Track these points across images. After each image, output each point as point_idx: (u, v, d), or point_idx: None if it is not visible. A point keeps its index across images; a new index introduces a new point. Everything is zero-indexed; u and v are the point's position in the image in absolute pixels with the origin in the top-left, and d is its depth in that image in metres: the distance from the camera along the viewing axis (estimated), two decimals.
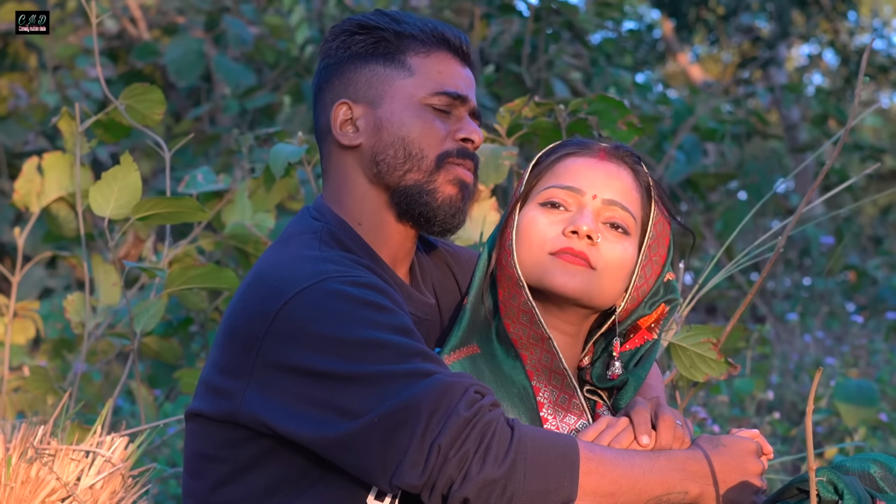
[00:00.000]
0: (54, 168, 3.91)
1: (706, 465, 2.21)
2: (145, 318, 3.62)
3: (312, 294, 2.16)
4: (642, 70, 11.75)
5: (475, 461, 2.05)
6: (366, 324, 2.13)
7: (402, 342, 2.12)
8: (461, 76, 2.43)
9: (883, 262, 9.93)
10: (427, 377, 2.09)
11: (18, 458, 2.79)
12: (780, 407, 5.90)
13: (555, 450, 2.10)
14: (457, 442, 2.06)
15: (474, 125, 2.42)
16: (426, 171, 2.37)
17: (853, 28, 13.90)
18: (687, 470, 2.20)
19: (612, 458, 2.15)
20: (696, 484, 2.20)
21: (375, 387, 2.09)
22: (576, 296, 2.34)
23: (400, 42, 2.40)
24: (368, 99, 2.40)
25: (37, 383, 4.11)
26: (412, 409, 2.06)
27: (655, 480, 2.16)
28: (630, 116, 3.58)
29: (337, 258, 2.26)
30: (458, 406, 2.07)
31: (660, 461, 2.18)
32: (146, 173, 8.25)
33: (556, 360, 2.38)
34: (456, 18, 7.91)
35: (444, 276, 2.56)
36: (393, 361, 2.10)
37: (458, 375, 2.12)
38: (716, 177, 8.78)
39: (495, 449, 2.06)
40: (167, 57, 8.10)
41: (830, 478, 2.35)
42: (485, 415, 2.08)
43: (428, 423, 2.06)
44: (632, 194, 2.40)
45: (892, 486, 2.44)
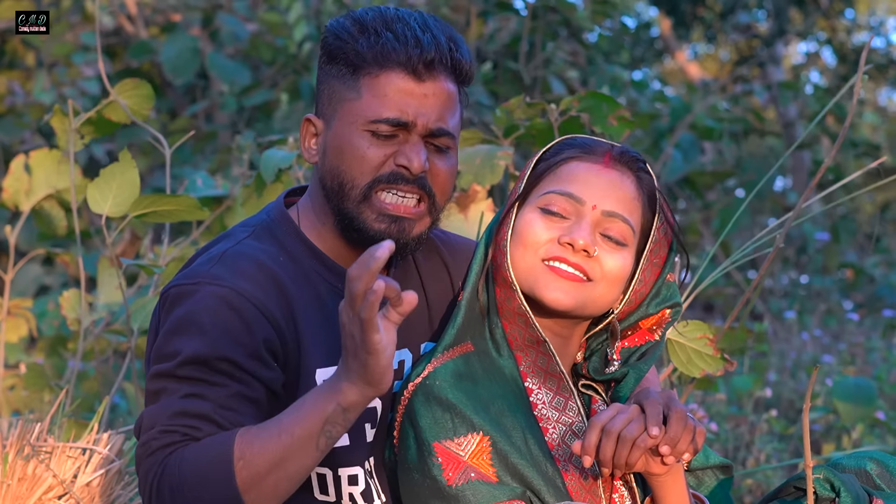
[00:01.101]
0: (42, 165, 3.91)
1: (338, 369, 2.08)
2: (143, 316, 3.62)
3: (178, 292, 2.27)
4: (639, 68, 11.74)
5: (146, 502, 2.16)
6: (177, 339, 2.22)
7: (170, 368, 2.20)
8: (413, 97, 2.30)
9: (880, 259, 9.93)
10: (152, 403, 2.22)
11: (15, 456, 2.79)
12: (778, 405, 5.90)
13: (209, 468, 2.11)
14: (137, 474, 2.20)
15: (417, 150, 2.30)
16: (355, 200, 2.32)
17: (850, 26, 13.89)
18: (329, 387, 2.08)
19: (259, 443, 2.10)
20: (346, 392, 2.05)
21: (146, 390, 2.26)
22: (567, 310, 2.32)
23: (357, 59, 2.31)
24: (326, 117, 2.37)
25: (33, 381, 4.11)
26: (135, 427, 2.25)
27: (306, 419, 2.08)
28: (620, 111, 3.58)
29: (239, 258, 2.29)
30: (138, 443, 2.20)
31: (304, 400, 2.10)
32: (142, 170, 8.24)
33: (552, 362, 2.37)
34: (452, 16, 7.90)
35: (434, 265, 2.54)
36: (157, 379, 2.22)
37: (163, 410, 2.18)
38: (713, 175, 8.77)
39: (155, 494, 2.14)
40: (163, 55, 8.09)
41: (827, 476, 2.36)
42: (148, 457, 2.15)
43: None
44: (633, 204, 2.36)
45: (889, 483, 2.45)
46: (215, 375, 2.18)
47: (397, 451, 2.33)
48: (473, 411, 2.29)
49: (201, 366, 2.19)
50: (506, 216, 2.40)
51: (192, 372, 2.18)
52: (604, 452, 2.19)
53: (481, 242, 2.44)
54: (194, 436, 2.14)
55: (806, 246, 9.50)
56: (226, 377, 2.19)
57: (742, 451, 5.12)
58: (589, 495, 2.33)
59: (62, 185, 3.91)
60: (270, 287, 2.28)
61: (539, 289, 2.31)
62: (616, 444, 2.19)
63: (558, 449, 2.34)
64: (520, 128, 3.67)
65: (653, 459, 2.25)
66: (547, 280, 2.30)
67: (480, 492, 2.24)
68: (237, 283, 2.25)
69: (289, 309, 2.29)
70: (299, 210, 2.43)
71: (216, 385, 2.18)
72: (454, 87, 2.35)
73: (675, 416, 2.22)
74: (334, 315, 2.33)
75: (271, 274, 2.29)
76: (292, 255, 2.35)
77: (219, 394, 2.17)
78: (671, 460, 2.23)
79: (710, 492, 2.50)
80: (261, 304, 2.24)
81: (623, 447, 2.19)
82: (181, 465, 2.11)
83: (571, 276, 2.30)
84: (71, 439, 2.91)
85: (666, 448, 2.20)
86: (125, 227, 4.54)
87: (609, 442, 2.19)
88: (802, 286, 9.14)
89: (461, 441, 2.28)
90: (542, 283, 2.31)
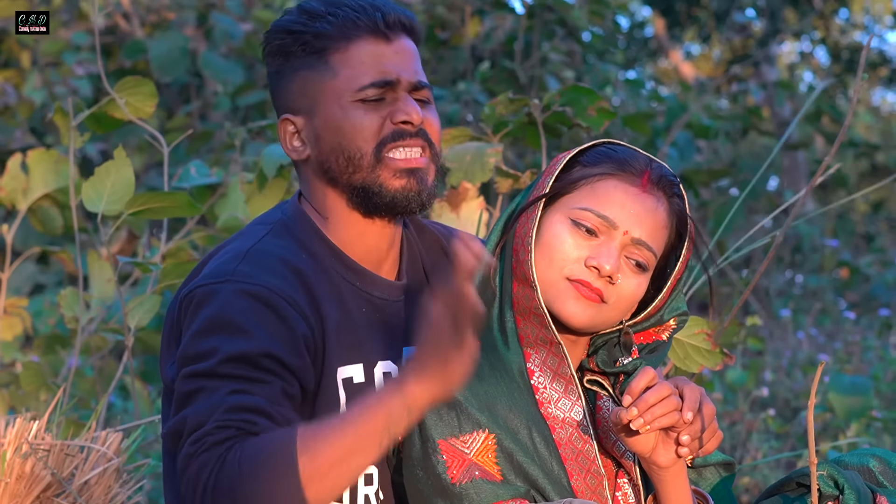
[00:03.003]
0: (39, 165, 3.91)
1: (408, 367, 2.07)
2: (139, 314, 3.61)
3: (205, 291, 2.23)
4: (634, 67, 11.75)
5: (198, 501, 2.09)
6: (211, 338, 2.18)
7: (209, 366, 2.15)
8: (387, 57, 2.34)
9: (875, 258, 9.94)
10: (190, 404, 2.15)
11: (13, 454, 2.78)
12: (774, 404, 5.90)
13: (273, 461, 2.07)
14: (184, 474, 2.12)
15: (411, 103, 2.34)
16: (367, 167, 2.33)
17: (845, 26, 13.92)
18: (395, 385, 2.07)
19: (324, 437, 2.08)
20: (414, 393, 2.05)
21: (179, 392, 2.19)
22: (580, 328, 2.34)
23: (319, 42, 2.33)
24: (305, 109, 2.36)
25: (30, 379, 4.10)
26: (171, 431, 2.17)
27: (371, 416, 2.07)
28: (600, 102, 3.59)
29: (263, 256, 2.28)
30: (186, 441, 2.12)
31: (368, 399, 2.08)
32: (138, 169, 8.23)
33: (563, 365, 2.36)
34: (448, 14, 7.90)
35: (437, 258, 2.55)
36: (193, 379, 2.16)
37: (212, 406, 2.11)
38: (709, 173, 8.78)
39: (211, 490, 2.07)
40: (152, 53, 8.08)
41: (831, 472, 2.35)
42: (203, 453, 2.09)
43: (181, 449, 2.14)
44: (661, 232, 2.36)
45: (892, 480, 2.44)
46: (259, 372, 2.15)
47: (402, 448, 2.32)
48: (479, 409, 2.28)
49: (245, 363, 2.15)
50: (530, 212, 2.38)
51: (234, 370, 2.14)
52: (647, 397, 2.19)
53: (494, 231, 2.43)
54: (251, 430, 2.09)
55: (801, 245, 9.51)
56: (270, 374, 2.16)
57: (739, 450, 5.13)
58: (594, 495, 2.33)
59: (59, 184, 3.91)
60: (298, 283, 2.27)
61: (558, 302, 2.32)
62: (662, 398, 2.19)
63: (564, 448, 2.33)
64: (508, 124, 3.67)
65: (663, 448, 2.25)
66: (567, 296, 2.32)
67: (484, 490, 2.24)
68: (267, 279, 2.23)
69: (315, 306, 2.28)
70: (307, 212, 2.43)
71: (262, 382, 2.14)
72: (413, 44, 2.40)
73: (707, 409, 2.25)
74: (354, 312, 2.34)
75: (297, 271, 2.28)
76: (312, 252, 2.34)
77: (267, 391, 2.14)
78: (685, 452, 2.24)
79: (711, 488, 2.49)
80: (293, 300, 2.23)
81: (665, 405, 2.19)
82: (241, 458, 2.05)
83: (591, 297, 2.31)
84: (69, 437, 2.90)
85: (688, 438, 2.22)
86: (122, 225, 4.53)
87: (657, 392, 2.19)
88: (797, 285, 9.15)
89: (466, 438, 2.27)
90: (562, 298, 2.32)
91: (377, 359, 2.36)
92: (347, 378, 2.32)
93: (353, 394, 2.31)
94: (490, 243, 2.41)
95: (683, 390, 2.25)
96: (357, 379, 2.33)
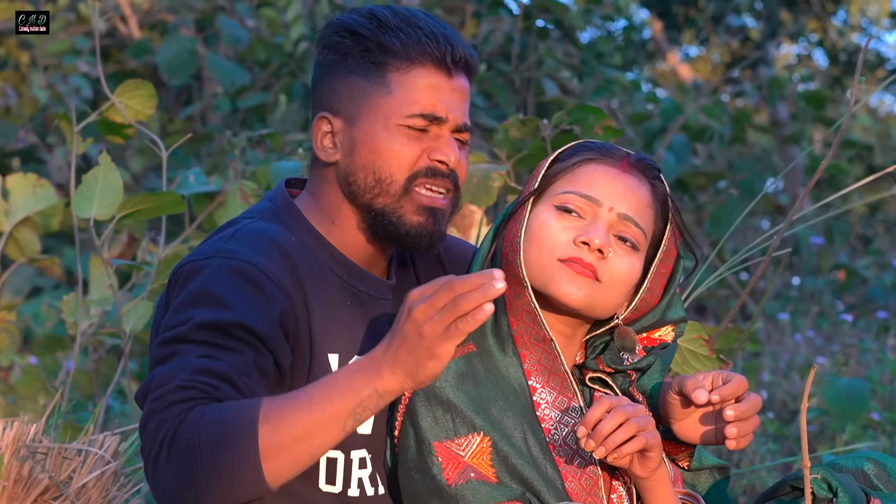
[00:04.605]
0: (18, 190, 3.96)
1: (382, 351, 2.02)
2: (135, 317, 3.62)
3: (192, 267, 2.24)
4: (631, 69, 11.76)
5: (152, 459, 2.07)
6: (190, 309, 2.18)
7: (183, 332, 2.15)
8: (444, 92, 2.34)
9: (872, 261, 9.94)
10: (162, 365, 2.14)
11: (11, 457, 2.79)
12: (771, 406, 5.91)
13: (232, 427, 2.04)
14: (144, 430, 2.10)
15: (451, 144, 2.34)
16: (394, 195, 2.33)
17: (842, 28, 13.93)
18: (367, 369, 2.03)
19: (288, 412, 2.05)
20: (387, 380, 2.02)
21: (152, 357, 2.20)
22: (578, 307, 2.33)
23: (382, 55, 2.32)
24: (347, 114, 2.35)
25: (28, 382, 4.11)
26: (139, 392, 2.16)
27: (339, 397, 2.03)
28: (606, 121, 3.61)
29: (252, 235, 2.28)
30: (148, 398, 2.11)
31: (337, 377, 2.05)
32: (138, 171, 8.24)
33: (557, 361, 2.37)
34: (447, 16, 7.90)
35: (429, 260, 2.56)
36: (167, 345, 2.16)
37: (180, 367, 2.10)
38: (706, 176, 8.78)
39: (167, 448, 2.05)
40: (159, 56, 8.08)
41: (825, 475, 2.36)
42: (163, 410, 2.07)
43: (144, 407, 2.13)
44: (647, 210, 2.37)
45: (887, 483, 2.45)
46: (232, 341, 2.14)
47: (398, 450, 2.33)
48: (475, 411, 2.29)
49: (217, 331, 2.14)
50: (518, 212, 2.40)
51: (207, 336, 2.13)
52: (602, 427, 2.15)
53: (486, 240, 2.44)
54: (214, 395, 2.08)
55: (798, 247, 9.51)
56: (243, 343, 2.15)
57: (736, 453, 5.13)
58: (589, 496, 2.33)
59: (38, 207, 3.96)
60: (283, 263, 2.27)
61: (552, 284, 2.32)
62: (618, 426, 2.16)
63: (559, 450, 2.34)
64: (522, 149, 3.70)
65: (640, 461, 2.25)
66: (561, 276, 2.31)
67: (480, 492, 2.24)
68: (252, 256, 2.23)
69: (301, 289, 2.28)
70: (301, 205, 2.43)
71: (233, 350, 2.13)
72: (468, 84, 2.40)
73: (753, 401, 2.30)
74: (337, 302, 2.34)
75: (284, 251, 2.28)
76: (300, 239, 2.35)
77: (237, 359, 2.13)
78: (731, 444, 2.26)
79: (705, 492, 2.50)
80: (276, 278, 2.23)
81: (624, 431, 2.16)
82: (202, 421, 2.03)
83: (584, 273, 2.31)
84: (66, 441, 2.91)
85: (735, 431, 2.25)
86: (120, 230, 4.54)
87: (611, 419, 2.16)
88: (795, 287, 9.15)
89: (461, 441, 2.28)
90: (556, 278, 2.32)
91: (353, 352, 2.36)
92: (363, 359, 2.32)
93: None
94: (481, 252, 2.43)
95: (731, 380, 2.28)
96: (333, 368, 2.32)
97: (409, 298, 1.99)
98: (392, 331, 2.02)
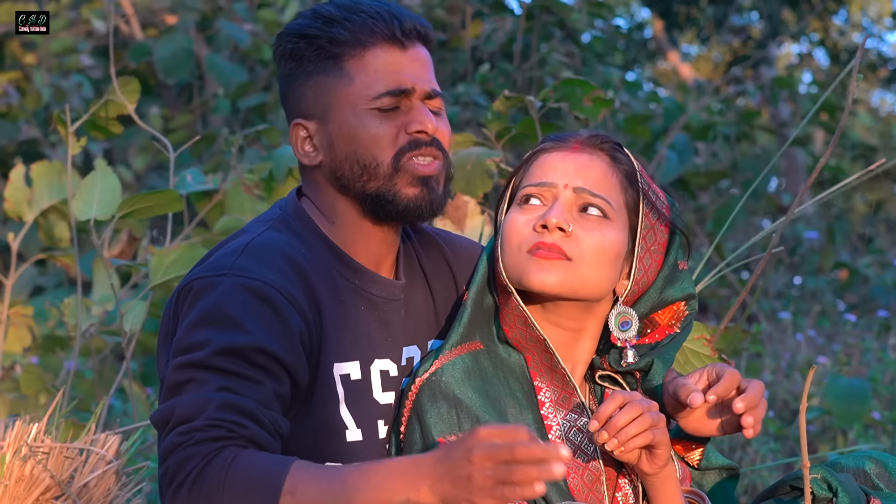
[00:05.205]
0: (44, 177, 3.93)
1: (429, 467, 1.99)
2: (134, 317, 3.63)
3: (203, 283, 2.22)
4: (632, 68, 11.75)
5: (172, 491, 2.06)
6: (206, 329, 2.16)
7: (201, 357, 2.13)
8: (403, 65, 2.35)
9: (874, 260, 9.94)
10: (178, 394, 2.13)
11: (12, 456, 2.79)
12: (773, 405, 5.91)
13: (256, 487, 2.03)
14: (165, 460, 2.09)
15: (425, 112, 2.35)
16: (384, 177, 2.34)
17: (843, 27, 13.92)
18: (408, 475, 1.99)
19: (315, 490, 2.02)
20: (423, 495, 1.98)
21: (169, 380, 2.17)
22: (555, 292, 2.32)
23: (335, 48, 2.33)
24: (318, 114, 2.36)
25: (30, 381, 4.11)
26: (158, 417, 2.14)
27: (370, 495, 1.99)
28: (595, 91, 3.59)
29: (263, 249, 2.28)
30: (173, 431, 2.09)
31: (376, 471, 2.01)
32: (140, 170, 8.24)
33: (554, 359, 2.37)
34: (448, 16, 7.90)
35: (437, 262, 2.56)
36: (184, 370, 2.14)
37: (203, 401, 2.09)
38: (707, 175, 8.78)
39: (189, 485, 2.04)
40: (157, 54, 8.08)
41: (824, 475, 2.36)
42: (191, 446, 2.06)
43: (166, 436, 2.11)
44: (608, 181, 2.36)
45: (888, 482, 2.45)
46: (252, 369, 2.13)
47: (403, 446, 2.34)
48: (480, 407, 2.30)
49: (237, 357, 2.13)
50: (496, 226, 2.43)
51: (226, 363, 2.12)
52: (617, 420, 2.18)
53: (485, 251, 2.47)
54: (242, 434, 2.07)
55: (799, 246, 9.51)
56: (262, 371, 2.14)
57: (738, 452, 5.13)
58: (591, 492, 2.34)
59: (64, 195, 3.92)
60: (296, 278, 2.26)
61: (525, 277, 2.32)
62: (631, 420, 2.18)
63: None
64: (511, 130, 3.68)
65: (648, 458, 2.26)
66: (530, 267, 2.32)
67: None
68: (265, 274, 2.22)
69: (314, 301, 2.28)
70: (308, 211, 2.43)
71: (253, 381, 2.12)
72: (427, 52, 2.40)
73: (757, 387, 2.30)
74: (351, 309, 2.35)
75: (296, 265, 2.28)
76: (311, 248, 2.35)
77: (257, 392, 2.12)
78: (749, 433, 2.26)
79: (710, 490, 2.50)
80: (290, 295, 2.23)
81: (637, 425, 2.18)
82: (230, 469, 2.02)
83: (551, 256, 2.31)
84: (68, 440, 2.90)
85: (752, 420, 2.25)
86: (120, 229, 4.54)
87: (626, 413, 2.18)
88: (796, 287, 9.15)
89: None
90: (527, 270, 2.32)
91: (374, 356, 2.37)
92: (345, 374, 2.32)
93: (350, 390, 2.32)
94: (482, 263, 2.44)
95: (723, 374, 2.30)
96: (354, 376, 2.33)
97: (478, 433, 1.94)
98: (447, 452, 1.98)
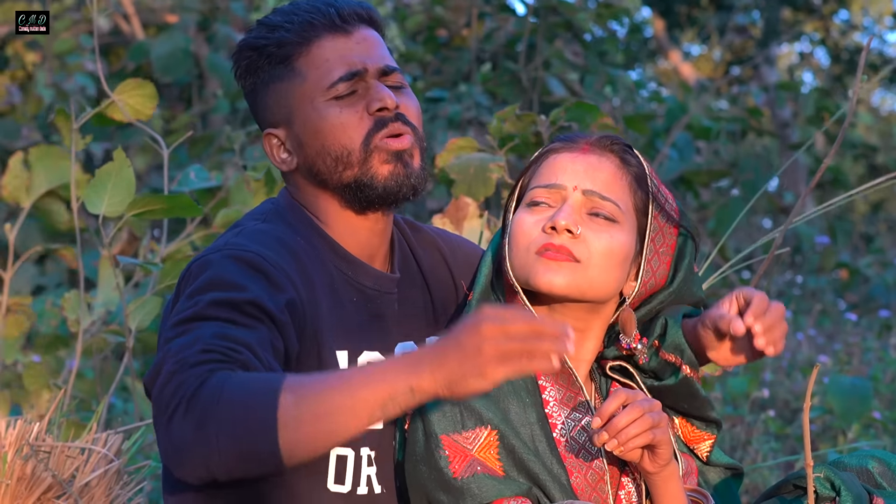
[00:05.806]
0: (42, 161, 3.91)
1: (432, 351, 1.97)
2: (140, 316, 3.62)
3: (201, 263, 2.24)
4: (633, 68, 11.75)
5: (168, 415, 2.00)
6: (200, 296, 2.15)
7: (195, 310, 2.11)
8: (350, 49, 2.36)
9: (874, 259, 9.95)
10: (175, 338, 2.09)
11: (14, 455, 2.79)
12: (774, 405, 5.91)
13: (254, 392, 1.98)
14: (161, 391, 2.03)
15: (382, 89, 2.35)
16: (358, 163, 2.34)
17: (844, 27, 13.93)
18: (407, 364, 1.97)
19: (315, 387, 1.98)
20: (424, 379, 1.95)
21: (162, 340, 2.15)
22: (563, 293, 2.32)
23: (282, 50, 2.35)
24: (284, 119, 2.38)
25: (31, 380, 4.11)
26: (150, 371, 2.11)
27: (373, 385, 1.97)
28: (603, 119, 3.62)
29: (259, 234, 2.29)
30: (166, 364, 2.04)
31: (376, 365, 1.99)
32: (141, 170, 8.25)
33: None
34: (451, 16, 7.90)
35: (434, 260, 2.56)
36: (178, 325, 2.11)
37: (197, 336, 2.06)
38: (709, 174, 8.78)
39: (185, 404, 1.99)
40: (154, 53, 8.08)
41: (828, 474, 2.36)
42: (184, 370, 2.01)
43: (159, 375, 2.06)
44: (617, 183, 2.36)
45: (891, 481, 2.45)
46: (247, 318, 2.11)
47: (406, 444, 2.34)
48: (483, 405, 2.29)
49: (232, 308, 2.11)
50: (504, 225, 2.43)
51: (222, 312, 2.10)
52: (617, 421, 2.17)
53: (489, 250, 2.46)
54: (237, 358, 2.03)
55: (801, 246, 9.52)
56: (257, 321, 2.12)
57: (739, 451, 5.13)
58: (594, 492, 2.34)
59: (62, 180, 3.91)
60: (291, 259, 2.27)
61: (533, 277, 2.32)
62: (633, 421, 2.18)
63: (565, 445, 2.35)
64: (515, 138, 3.69)
65: (650, 456, 2.26)
66: (538, 268, 2.31)
67: (486, 486, 2.25)
68: (260, 249, 2.24)
69: (310, 286, 2.28)
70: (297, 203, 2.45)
71: (249, 327, 2.10)
72: (374, 32, 2.41)
73: (777, 310, 2.26)
74: (345, 301, 2.35)
75: (292, 250, 2.29)
76: (305, 238, 2.36)
77: (254, 334, 2.10)
78: (771, 351, 2.24)
79: (713, 488, 2.50)
80: (282, 268, 2.23)
81: (638, 426, 2.18)
82: (224, 384, 1.97)
83: (559, 258, 2.31)
84: (70, 439, 2.91)
85: (763, 341, 2.22)
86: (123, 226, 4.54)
87: (627, 414, 2.17)
88: (797, 286, 9.15)
89: (469, 434, 2.28)
90: (534, 271, 2.32)
91: (363, 348, 2.36)
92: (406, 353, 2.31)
93: None
94: (482, 275, 2.43)
95: (752, 299, 2.25)
96: (342, 366, 2.32)
97: (481, 311, 1.95)
98: (448, 336, 1.97)
